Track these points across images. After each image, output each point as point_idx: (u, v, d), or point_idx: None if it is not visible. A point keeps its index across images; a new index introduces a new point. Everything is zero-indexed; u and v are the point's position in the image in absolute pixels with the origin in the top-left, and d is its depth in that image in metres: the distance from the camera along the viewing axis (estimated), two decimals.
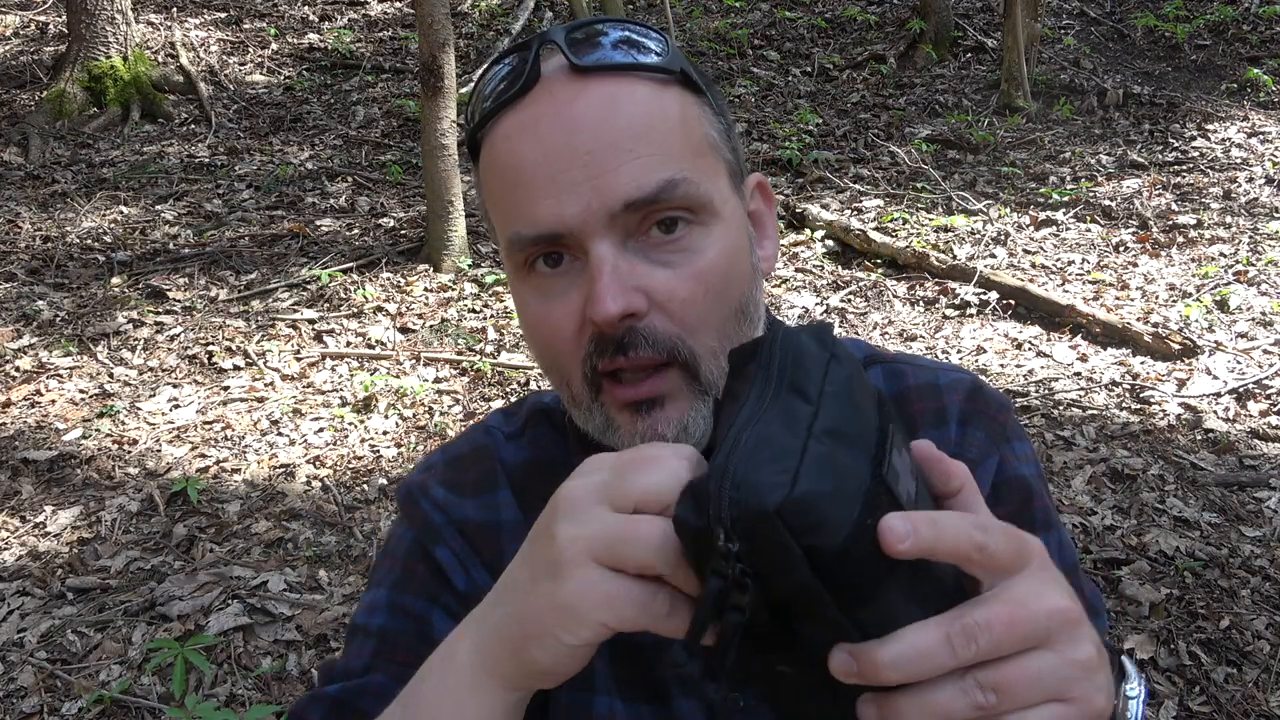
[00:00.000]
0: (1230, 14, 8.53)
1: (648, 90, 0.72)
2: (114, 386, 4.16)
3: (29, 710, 2.56)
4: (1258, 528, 3.06)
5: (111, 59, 7.43)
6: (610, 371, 0.72)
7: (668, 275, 0.70)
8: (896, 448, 0.53)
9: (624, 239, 0.70)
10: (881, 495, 0.50)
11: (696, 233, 0.71)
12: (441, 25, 4.94)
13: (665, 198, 0.69)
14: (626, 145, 0.69)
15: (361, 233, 5.67)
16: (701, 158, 0.73)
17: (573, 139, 0.69)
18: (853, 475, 0.50)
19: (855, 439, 0.52)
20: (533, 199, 0.70)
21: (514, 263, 0.74)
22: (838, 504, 0.49)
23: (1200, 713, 2.42)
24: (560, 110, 0.70)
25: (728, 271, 0.73)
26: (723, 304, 0.72)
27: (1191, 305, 4.52)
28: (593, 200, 0.68)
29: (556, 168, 0.69)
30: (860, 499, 0.49)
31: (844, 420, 0.52)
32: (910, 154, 6.54)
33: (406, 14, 9.05)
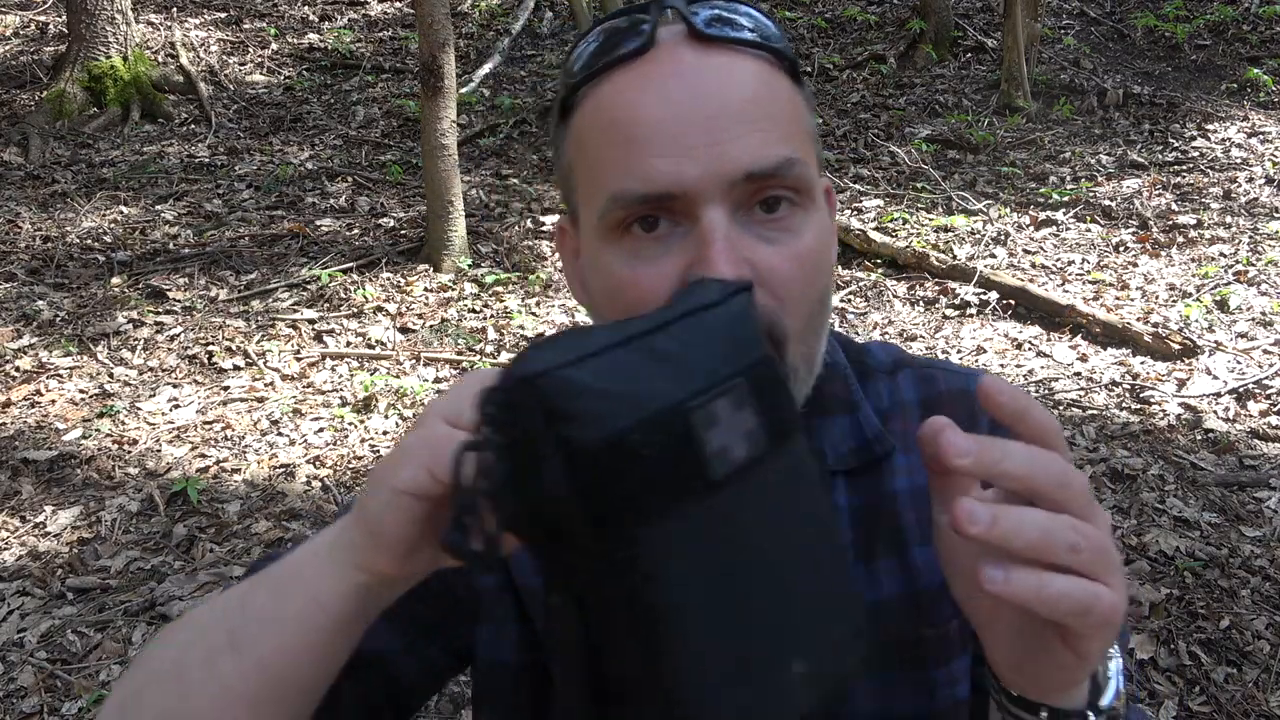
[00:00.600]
0: (1230, 14, 8.53)
1: (764, 69, 0.72)
2: (114, 386, 4.16)
3: (29, 710, 2.56)
4: (1258, 528, 3.06)
5: (111, 59, 7.43)
6: None
7: (770, 251, 0.70)
8: (739, 406, 0.48)
9: (734, 209, 0.69)
10: (676, 428, 0.45)
11: (798, 215, 0.71)
12: (441, 25, 4.94)
13: (782, 174, 0.69)
14: (750, 117, 0.69)
15: (361, 233, 5.67)
16: (806, 145, 0.73)
17: (697, 102, 0.68)
18: (650, 391, 0.46)
19: (680, 368, 0.47)
20: (649, 156, 0.68)
21: (607, 221, 0.71)
22: (612, 404, 0.44)
23: (1200, 713, 2.42)
24: (685, 72, 0.69)
25: (820, 257, 0.73)
26: (813, 288, 0.72)
27: (1191, 305, 4.52)
28: (713, 165, 0.67)
29: (679, 129, 0.68)
30: (644, 414, 0.45)
31: (680, 348, 0.48)
32: (910, 154, 6.54)
33: (406, 14, 9.05)
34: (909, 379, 0.87)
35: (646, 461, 0.45)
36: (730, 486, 0.47)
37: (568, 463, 0.44)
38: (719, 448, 0.46)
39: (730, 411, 0.47)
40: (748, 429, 0.48)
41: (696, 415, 0.46)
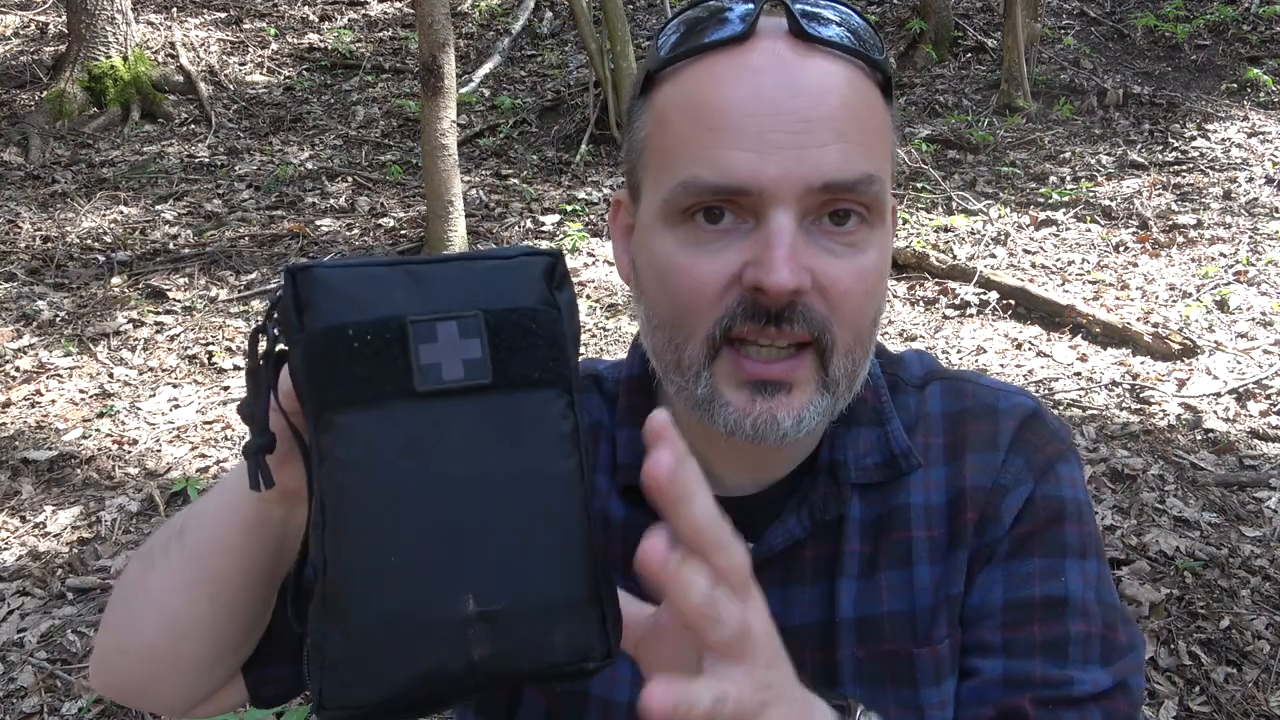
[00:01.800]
0: (1230, 14, 8.52)
1: (859, 78, 0.70)
2: (114, 386, 4.16)
3: (29, 710, 2.56)
4: (1258, 528, 3.06)
5: (111, 59, 7.43)
6: (738, 340, 0.70)
7: (833, 263, 0.69)
8: (467, 334, 0.50)
9: (803, 216, 0.68)
10: (391, 332, 0.49)
11: (864, 231, 0.70)
12: (441, 25, 4.94)
13: (861, 190, 0.68)
14: (840, 126, 0.67)
15: (361, 233, 5.67)
16: (887, 162, 0.72)
17: (791, 102, 0.67)
18: (385, 299, 0.50)
19: (429, 292, 0.51)
20: (730, 148, 0.67)
21: (673, 206, 0.70)
22: (346, 302, 0.50)
23: (1200, 713, 2.42)
24: (784, 69, 0.68)
25: (879, 276, 0.72)
26: (869, 306, 0.71)
27: (1191, 305, 4.52)
28: (795, 169, 0.66)
29: (767, 125, 0.67)
30: (367, 315, 0.49)
31: (441, 279, 0.52)
32: (910, 154, 6.54)
33: (406, 14, 9.04)
34: (937, 391, 0.85)
35: (358, 355, 0.49)
36: (435, 401, 0.50)
37: (300, 346, 0.50)
38: (430, 363, 0.49)
39: (453, 336, 0.50)
40: (470, 357, 0.50)
41: (415, 327, 0.49)
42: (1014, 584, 0.78)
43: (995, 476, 0.80)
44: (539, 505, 0.50)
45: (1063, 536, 0.79)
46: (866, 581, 0.80)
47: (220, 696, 0.80)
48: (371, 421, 0.49)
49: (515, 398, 0.51)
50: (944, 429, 0.83)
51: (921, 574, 0.79)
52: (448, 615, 0.48)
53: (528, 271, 0.53)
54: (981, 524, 0.79)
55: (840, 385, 0.72)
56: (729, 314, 0.69)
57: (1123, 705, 0.76)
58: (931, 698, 0.78)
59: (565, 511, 0.51)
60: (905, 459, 0.81)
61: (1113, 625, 0.78)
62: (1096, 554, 0.80)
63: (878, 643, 0.79)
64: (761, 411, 0.70)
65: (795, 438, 0.71)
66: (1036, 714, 0.73)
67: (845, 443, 0.81)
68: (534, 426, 0.51)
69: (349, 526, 0.49)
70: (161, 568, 0.72)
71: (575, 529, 0.51)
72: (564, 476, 0.51)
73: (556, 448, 0.51)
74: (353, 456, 0.49)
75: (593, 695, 0.81)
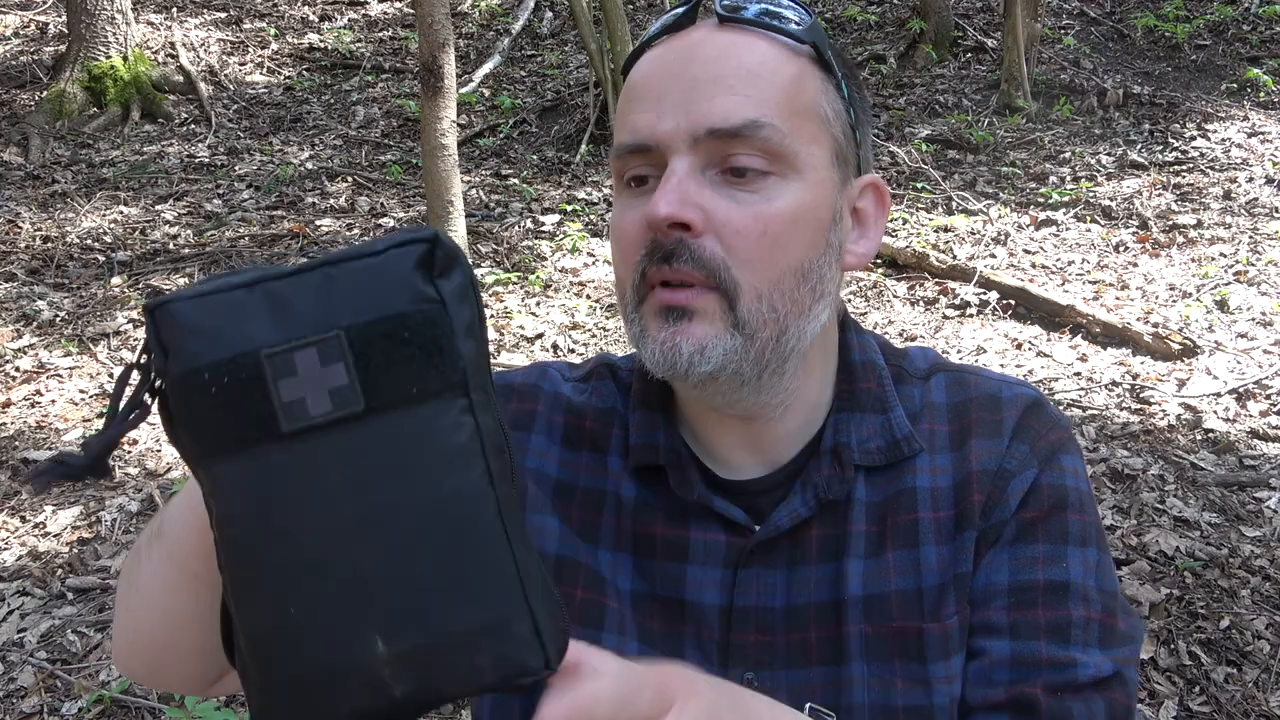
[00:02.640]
0: (1230, 14, 8.52)
1: (773, 49, 0.77)
2: (114, 386, 4.16)
3: (29, 710, 2.56)
4: (1258, 528, 3.06)
5: (111, 59, 7.43)
6: (658, 282, 0.75)
7: (730, 206, 0.73)
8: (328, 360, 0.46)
9: (702, 166, 0.74)
10: (247, 372, 0.45)
11: (771, 181, 0.74)
12: (441, 25, 4.94)
13: (747, 134, 0.73)
14: (729, 81, 0.74)
15: (361, 233, 5.67)
16: (802, 119, 0.76)
17: (686, 68, 0.75)
18: (240, 333, 0.46)
19: (288, 315, 0.46)
20: (637, 111, 0.76)
21: (616, 176, 0.80)
22: (201, 341, 0.46)
23: (1200, 713, 2.42)
24: (689, 46, 0.77)
25: (791, 226, 0.74)
26: (779, 253, 0.74)
27: (1191, 305, 4.52)
28: (683, 120, 0.73)
29: (663, 90, 0.75)
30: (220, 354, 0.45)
31: (300, 296, 0.47)
32: (910, 154, 6.54)
33: (406, 14, 9.04)
34: (941, 383, 0.88)
35: (218, 401, 0.45)
36: (305, 440, 0.46)
37: (167, 392, 0.47)
38: (293, 400, 0.46)
39: (314, 365, 0.46)
40: (335, 385, 0.46)
41: (271, 363, 0.45)
42: (1019, 567, 0.80)
43: (1000, 460, 0.82)
44: (441, 530, 0.47)
45: (1065, 524, 0.81)
46: (875, 561, 0.82)
47: (232, 676, 0.81)
48: (243, 471, 0.46)
49: (394, 420, 0.47)
50: (949, 417, 0.85)
51: (929, 554, 0.81)
52: (358, 661, 0.46)
53: (397, 268, 0.48)
54: (988, 506, 0.81)
55: (757, 330, 0.74)
56: (642, 259, 0.75)
57: (1120, 696, 0.78)
58: (938, 672, 0.80)
59: (473, 528, 0.48)
60: (908, 443, 0.83)
61: (1112, 612, 0.80)
62: (1097, 543, 0.82)
63: (886, 620, 0.81)
64: (666, 336, 0.74)
65: (701, 370, 0.73)
66: (1048, 703, 0.75)
67: (849, 427, 0.83)
68: (421, 447, 0.47)
69: (242, 582, 0.47)
70: (146, 567, 0.74)
71: (489, 545, 0.48)
72: (463, 493, 0.48)
73: (451, 463, 0.48)
74: (231, 511, 0.47)
75: None
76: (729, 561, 0.82)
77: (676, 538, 0.83)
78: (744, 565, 0.82)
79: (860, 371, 0.86)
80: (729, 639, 0.81)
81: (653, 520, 0.84)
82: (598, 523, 0.86)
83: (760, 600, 0.81)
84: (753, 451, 0.84)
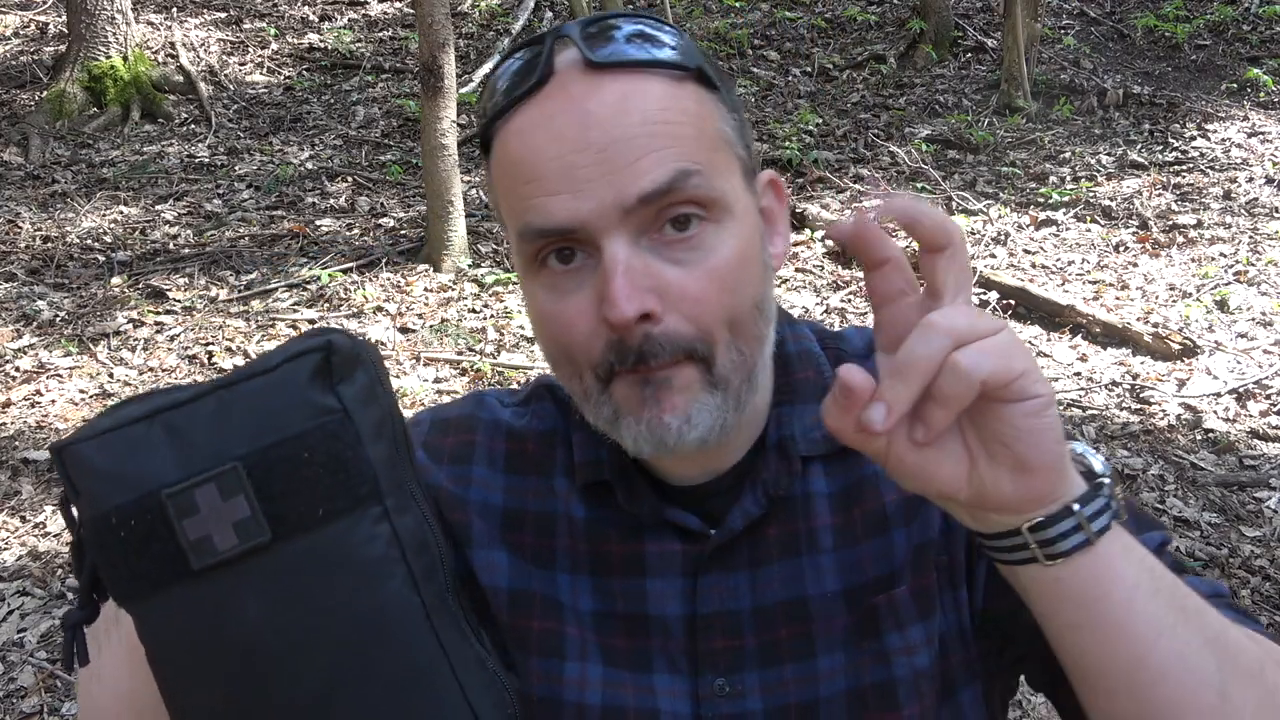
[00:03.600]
0: (1230, 14, 8.52)
1: (662, 86, 0.71)
2: (114, 386, 4.16)
3: (29, 710, 2.56)
4: (1258, 528, 3.06)
5: (111, 59, 7.43)
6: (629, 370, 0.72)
7: (681, 274, 0.69)
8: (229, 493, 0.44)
9: (638, 235, 0.69)
10: (151, 514, 0.44)
11: (710, 230, 0.70)
12: (441, 25, 4.94)
13: (678, 187, 0.68)
14: (641, 140, 0.68)
15: (361, 233, 5.67)
16: (716, 153, 0.72)
17: (588, 134, 0.68)
18: (141, 473, 0.45)
19: (187, 447, 0.45)
20: (546, 193, 0.69)
21: (524, 256, 0.73)
22: (104, 484, 0.45)
23: None
24: (575, 105, 0.69)
25: (741, 269, 0.72)
26: (738, 300, 0.71)
27: (1191, 305, 4.52)
28: (607, 195, 0.67)
29: (571, 162, 0.68)
30: (123, 498, 0.44)
31: (196, 425, 0.46)
32: (910, 154, 6.54)
33: (406, 14, 9.04)
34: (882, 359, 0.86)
35: (127, 544, 0.44)
36: (217, 576, 0.44)
37: (80, 534, 0.45)
38: (199, 537, 0.44)
39: (215, 500, 0.44)
40: (238, 519, 0.45)
41: (173, 503, 0.44)
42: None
43: None
44: (368, 650, 0.45)
45: None
46: (849, 552, 0.81)
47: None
48: (159, 611, 0.45)
49: (304, 545, 0.45)
50: None
51: (899, 536, 0.81)
52: None
53: (292, 383, 0.46)
54: None
55: (730, 379, 0.73)
56: (603, 359, 0.71)
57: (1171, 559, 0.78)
58: (894, 643, 0.79)
59: (401, 641, 0.46)
60: None
61: (1132, 503, 0.79)
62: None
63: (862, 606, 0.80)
64: (651, 418, 0.71)
65: (690, 438, 0.71)
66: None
67: (791, 419, 0.82)
68: (334, 568, 0.46)
69: (179, 713, 0.46)
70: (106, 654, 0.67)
71: (420, 655, 0.46)
72: (385, 608, 0.46)
73: (370, 579, 0.46)
74: (155, 649, 0.46)
75: (566, 701, 0.81)
76: (688, 570, 0.81)
77: (632, 552, 0.82)
78: (703, 572, 0.80)
79: (796, 362, 0.85)
80: (696, 648, 0.80)
81: (606, 538, 0.83)
82: (552, 546, 0.84)
83: (724, 605, 0.80)
84: (700, 463, 0.82)
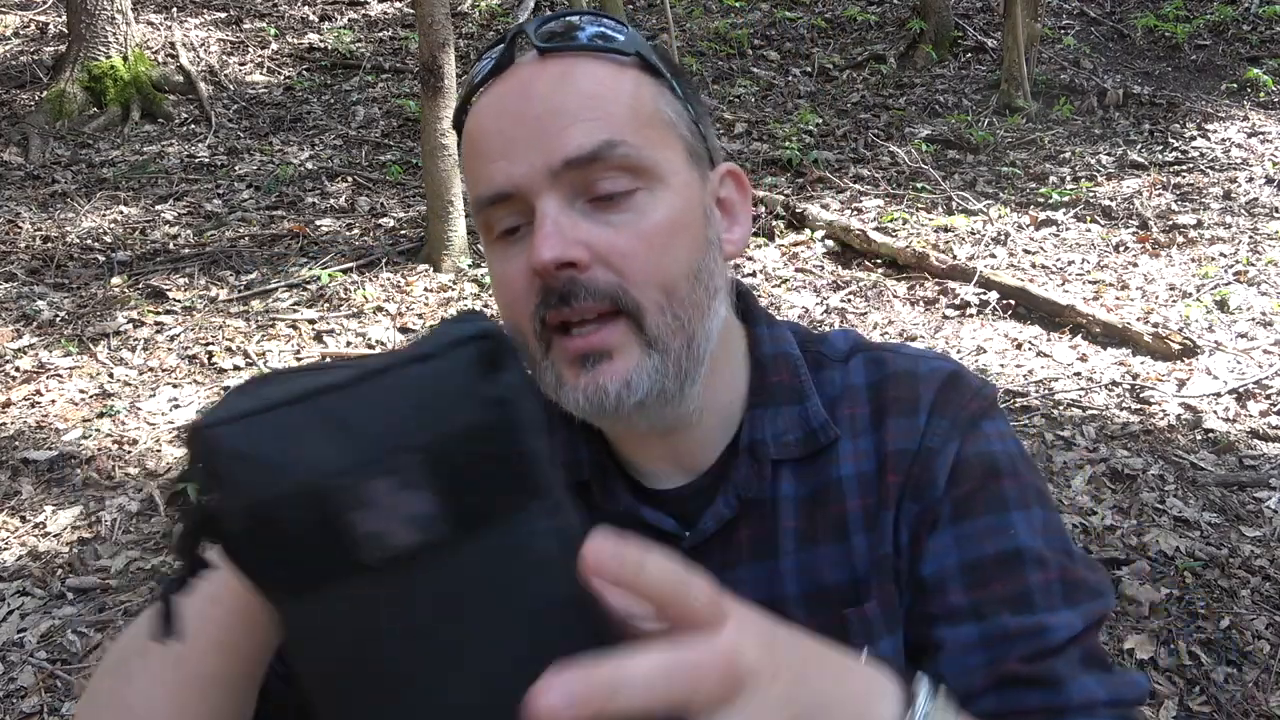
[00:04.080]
0: (1230, 14, 8.53)
1: (603, 68, 0.77)
2: (114, 386, 4.16)
3: (29, 710, 2.56)
4: (1258, 528, 3.06)
5: (111, 59, 7.43)
6: (559, 325, 0.75)
7: (609, 232, 0.74)
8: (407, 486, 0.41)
9: (570, 199, 0.74)
10: (318, 506, 0.40)
11: (641, 197, 0.75)
12: (441, 25, 4.94)
13: (604, 156, 0.73)
14: (572, 110, 0.74)
15: (361, 233, 5.67)
16: (650, 129, 0.77)
17: (526, 107, 0.75)
18: (300, 462, 0.41)
19: (349, 435, 0.41)
20: (489, 161, 0.76)
21: (481, 230, 0.79)
22: (257, 472, 0.41)
23: (1200, 713, 2.42)
24: (522, 85, 0.77)
25: (671, 235, 0.75)
26: (668, 263, 0.75)
27: (1191, 305, 4.52)
28: (537, 159, 0.73)
29: (510, 134, 0.75)
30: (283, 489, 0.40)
31: (358, 411, 0.42)
32: (910, 154, 6.54)
33: (406, 14, 9.04)
34: (860, 363, 0.87)
35: (287, 537, 0.41)
36: (389, 573, 0.41)
37: (224, 524, 0.42)
38: (371, 532, 0.41)
39: (391, 492, 0.41)
40: (416, 513, 0.41)
41: (343, 495, 0.41)
42: (965, 546, 0.78)
43: (920, 440, 0.81)
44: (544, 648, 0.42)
45: (1002, 491, 0.80)
46: (808, 556, 0.82)
47: None
48: (324, 609, 0.41)
49: (483, 541, 0.42)
50: (868, 398, 0.85)
51: (859, 543, 0.81)
52: None
53: (457, 371, 0.43)
54: (916, 488, 0.80)
55: (668, 342, 0.75)
56: (535, 311, 0.75)
57: (1096, 644, 0.76)
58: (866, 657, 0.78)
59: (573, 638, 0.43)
60: (824, 431, 0.83)
61: (1067, 567, 0.78)
62: (1040, 502, 0.81)
63: (827, 615, 0.80)
64: (588, 383, 0.74)
65: (631, 402, 0.74)
66: (1029, 671, 0.73)
67: (764, 422, 0.84)
68: (513, 564, 0.43)
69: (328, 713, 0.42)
70: (140, 684, 0.66)
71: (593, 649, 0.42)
72: (560, 603, 0.43)
73: (544, 574, 0.43)
74: (313, 653, 0.42)
75: None
76: None
77: None
78: None
79: (771, 365, 0.85)
80: None
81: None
82: None
83: None
84: (675, 462, 0.84)
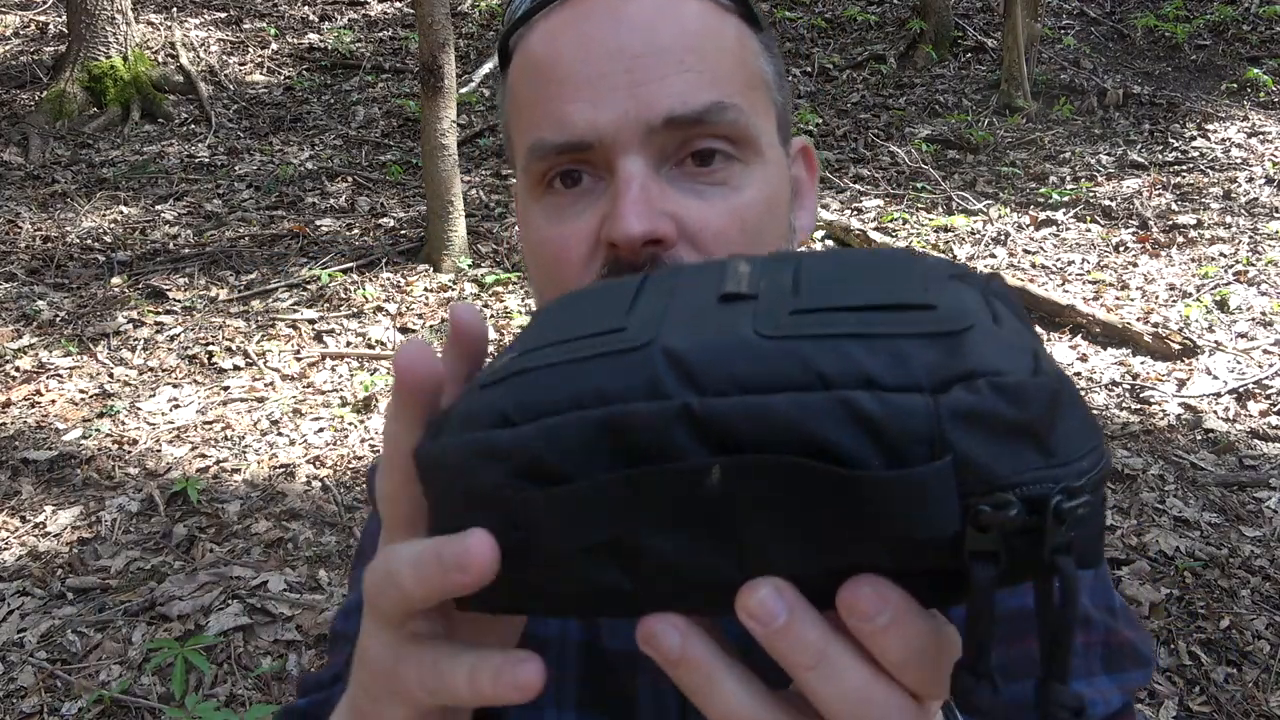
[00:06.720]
0: (1230, 14, 8.52)
1: (705, 8, 0.65)
2: (114, 386, 4.16)
3: (29, 710, 2.56)
4: (1258, 528, 3.06)
5: (111, 59, 7.43)
6: None
7: (701, 205, 0.62)
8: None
9: (658, 161, 0.62)
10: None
11: (737, 169, 0.63)
12: (441, 25, 4.94)
13: (711, 120, 0.61)
14: (677, 55, 0.61)
15: (361, 233, 5.67)
16: (754, 91, 0.66)
17: (620, 38, 0.61)
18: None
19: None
20: (565, 100, 0.62)
21: (530, 177, 0.65)
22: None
23: (1200, 713, 2.42)
24: (612, 10, 0.63)
25: (765, 215, 0.65)
26: (758, 248, 0.63)
27: (1191, 305, 4.52)
28: (631, 109, 0.60)
29: (598, 69, 0.61)
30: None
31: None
32: (910, 154, 6.54)
33: (406, 14, 9.04)
34: None
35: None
36: None
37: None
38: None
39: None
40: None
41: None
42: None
43: None
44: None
45: None
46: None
47: None
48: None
49: None
50: None
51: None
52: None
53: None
54: None
55: None
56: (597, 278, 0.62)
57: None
58: None
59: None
60: None
61: (1114, 629, 0.72)
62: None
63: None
64: None
65: None
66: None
67: None
68: None
69: None
70: None
71: None
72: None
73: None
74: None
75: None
76: None
77: None
78: None
79: None
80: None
81: None
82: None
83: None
84: None
